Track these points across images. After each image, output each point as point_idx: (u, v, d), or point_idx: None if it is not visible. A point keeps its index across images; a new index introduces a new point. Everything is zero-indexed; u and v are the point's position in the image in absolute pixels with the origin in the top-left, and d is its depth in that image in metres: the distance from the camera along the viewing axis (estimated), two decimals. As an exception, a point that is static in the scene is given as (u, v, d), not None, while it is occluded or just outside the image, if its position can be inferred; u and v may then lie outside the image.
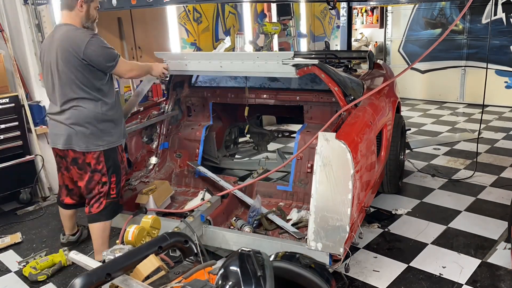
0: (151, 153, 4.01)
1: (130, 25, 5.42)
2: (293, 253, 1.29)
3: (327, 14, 9.21)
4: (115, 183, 3.06)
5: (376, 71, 4.70)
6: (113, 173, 3.04)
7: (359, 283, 2.98)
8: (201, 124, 4.17)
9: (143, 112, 3.84)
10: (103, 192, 3.04)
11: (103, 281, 1.34)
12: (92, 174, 2.99)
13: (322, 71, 3.28)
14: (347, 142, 2.61)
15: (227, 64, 3.23)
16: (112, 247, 1.58)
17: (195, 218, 2.97)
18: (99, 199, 3.04)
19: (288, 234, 3.12)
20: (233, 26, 7.05)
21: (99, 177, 3.00)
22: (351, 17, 7.45)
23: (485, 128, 6.57)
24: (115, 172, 3.06)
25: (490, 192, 4.33)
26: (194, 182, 3.99)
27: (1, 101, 4.19)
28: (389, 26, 9.12)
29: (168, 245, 1.49)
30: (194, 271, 1.34)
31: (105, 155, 2.98)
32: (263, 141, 4.88)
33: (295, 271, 1.20)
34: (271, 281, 1.10)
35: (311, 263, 1.24)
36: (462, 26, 8.11)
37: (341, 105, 3.28)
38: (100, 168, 2.99)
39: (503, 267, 3.07)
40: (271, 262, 1.18)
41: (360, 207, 2.88)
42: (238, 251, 1.20)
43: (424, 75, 8.79)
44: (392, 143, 3.97)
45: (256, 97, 4.03)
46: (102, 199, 3.04)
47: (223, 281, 1.12)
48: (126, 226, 1.89)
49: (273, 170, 3.35)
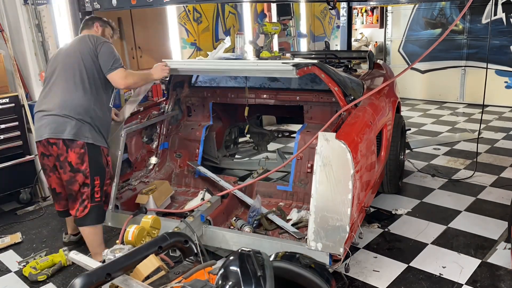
0: (151, 153, 4.01)
1: (130, 25, 5.42)
2: (293, 253, 1.29)
3: (327, 14, 9.21)
4: (99, 186, 3.02)
5: (376, 71, 4.70)
6: (97, 175, 3.00)
7: (359, 283, 2.98)
8: (201, 124, 4.17)
9: (143, 112, 3.83)
10: (86, 194, 2.99)
11: (103, 281, 1.34)
12: (74, 174, 2.95)
13: (322, 71, 3.28)
14: (347, 142, 2.61)
15: (227, 64, 3.23)
16: (112, 247, 1.58)
17: (195, 218, 2.97)
18: (83, 202, 3.00)
19: (288, 234, 3.12)
20: (233, 26, 7.05)
21: (82, 179, 2.96)
22: (351, 17, 7.45)
23: (485, 128, 6.57)
24: (99, 174, 3.02)
25: (490, 192, 4.32)
26: (194, 182, 3.99)
27: (1, 101, 4.18)
28: (389, 26, 9.12)
29: (168, 245, 1.49)
30: (194, 271, 1.34)
31: (89, 152, 2.95)
32: (263, 141, 4.88)
33: (295, 271, 1.20)
34: (271, 281, 1.10)
35: (311, 263, 1.24)
36: (462, 26, 8.11)
37: (341, 105, 3.28)
38: (83, 169, 2.94)
39: (503, 267, 3.07)
40: (271, 262, 1.18)
41: (360, 207, 2.88)
42: (238, 251, 1.19)
43: (424, 75, 8.79)
44: (392, 143, 3.97)
45: (256, 97, 4.03)
46: (87, 203, 3.00)
47: (223, 281, 1.12)
48: (126, 226, 1.89)
49: (273, 170, 3.35)
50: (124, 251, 1.52)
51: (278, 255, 1.25)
